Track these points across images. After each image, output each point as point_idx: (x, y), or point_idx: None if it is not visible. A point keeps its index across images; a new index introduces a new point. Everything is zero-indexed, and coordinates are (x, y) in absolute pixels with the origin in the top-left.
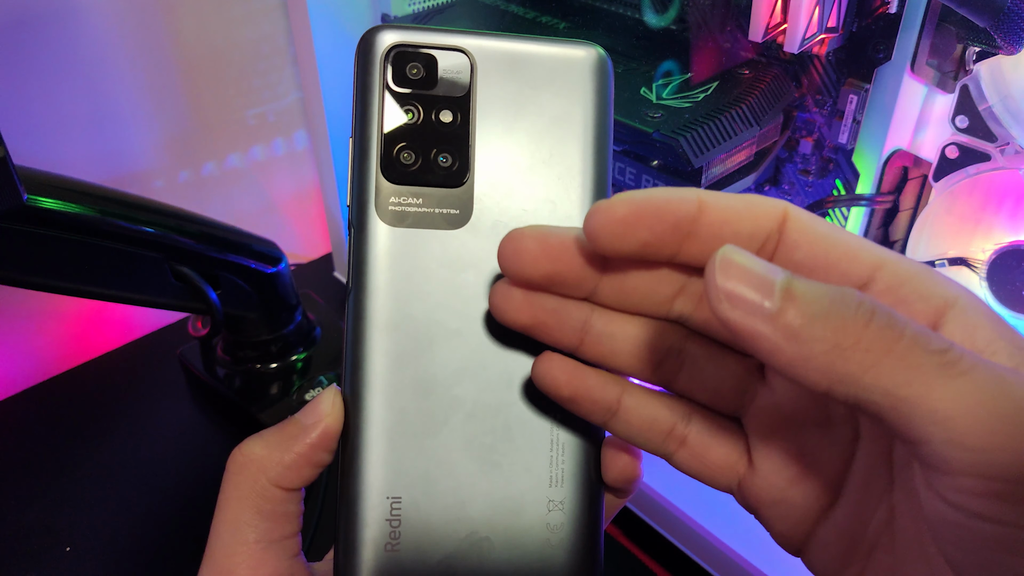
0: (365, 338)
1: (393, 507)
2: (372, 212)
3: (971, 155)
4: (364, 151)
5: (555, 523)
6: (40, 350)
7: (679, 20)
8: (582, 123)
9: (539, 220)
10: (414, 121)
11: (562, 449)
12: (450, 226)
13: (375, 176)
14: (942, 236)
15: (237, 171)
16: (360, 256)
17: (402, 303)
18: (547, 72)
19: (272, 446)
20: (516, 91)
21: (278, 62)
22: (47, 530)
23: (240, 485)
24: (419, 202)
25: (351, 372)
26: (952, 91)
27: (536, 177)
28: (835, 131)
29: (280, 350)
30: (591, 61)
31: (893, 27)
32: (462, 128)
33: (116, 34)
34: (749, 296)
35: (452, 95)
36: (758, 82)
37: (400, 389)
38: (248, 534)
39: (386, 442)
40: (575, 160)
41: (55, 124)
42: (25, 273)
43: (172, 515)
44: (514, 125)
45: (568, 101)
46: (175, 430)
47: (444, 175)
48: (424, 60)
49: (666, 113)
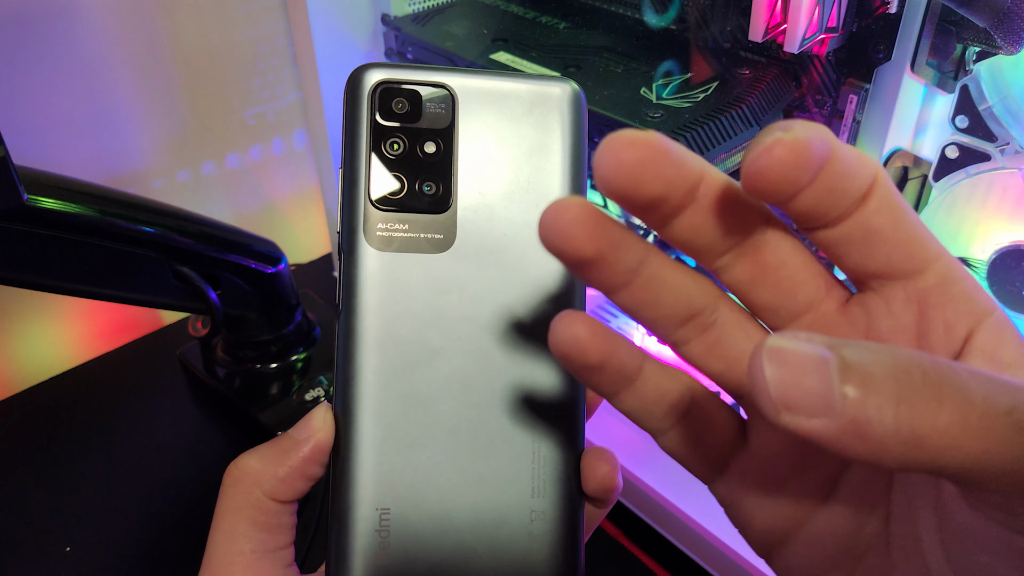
0: (355, 357)
1: (382, 518)
2: (361, 237)
3: (971, 155)
4: (353, 180)
5: (537, 532)
6: (40, 350)
7: (679, 20)
8: (559, 152)
9: (520, 244)
10: (400, 152)
11: (543, 461)
12: (435, 250)
13: (363, 203)
14: (942, 236)
15: (237, 171)
16: (350, 279)
17: (390, 323)
18: (525, 106)
19: (267, 460)
20: (496, 123)
21: (278, 62)
22: (47, 530)
23: (236, 497)
24: (405, 227)
25: (342, 389)
26: (952, 91)
27: (516, 203)
28: (835, 131)
29: (280, 350)
30: (566, 95)
31: (893, 27)
32: (445, 158)
33: (116, 34)
34: (807, 399)
35: (436, 127)
36: (758, 82)
37: (388, 405)
38: (244, 545)
39: (375, 456)
40: (553, 187)
41: (55, 124)
42: (25, 273)
43: (172, 515)
44: (495, 155)
45: (545, 132)
46: (175, 430)
47: (429, 202)
48: (409, 95)
49: (666, 113)
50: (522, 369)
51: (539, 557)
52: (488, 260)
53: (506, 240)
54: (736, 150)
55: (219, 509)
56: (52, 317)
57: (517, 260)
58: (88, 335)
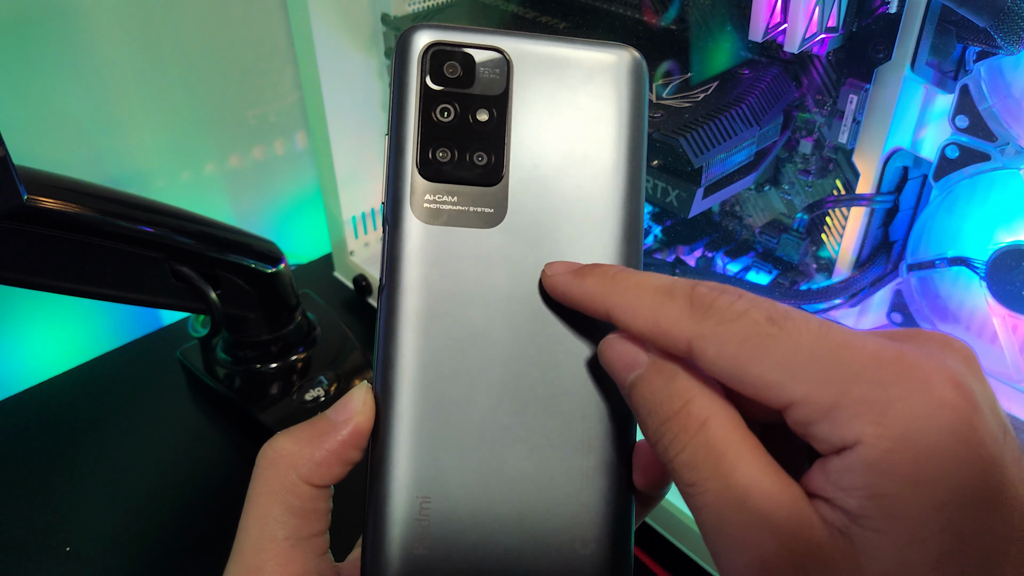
0: (397, 335)
1: (423, 507)
2: (407, 209)
3: (971, 155)
4: (400, 148)
5: (588, 536)
6: (40, 350)
7: (679, 20)
8: (617, 124)
9: (573, 220)
10: (451, 119)
11: (592, 453)
12: (485, 224)
13: (411, 173)
14: (942, 236)
15: (237, 171)
16: (394, 253)
17: (435, 301)
18: (583, 73)
19: (303, 442)
20: (552, 91)
21: (279, 62)
22: (47, 530)
23: (270, 481)
24: (454, 200)
25: (383, 369)
26: (952, 91)
27: (571, 177)
28: (835, 131)
29: (280, 350)
30: (627, 63)
31: (893, 27)
32: (498, 127)
33: (117, 34)
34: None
35: (489, 94)
36: (758, 82)
37: (432, 388)
38: (277, 531)
39: (416, 440)
40: (609, 161)
41: (55, 124)
42: (25, 273)
43: (172, 515)
44: (550, 125)
45: (603, 102)
46: (175, 430)
47: (480, 173)
48: (462, 59)
49: (666, 113)
50: (572, 354)
51: (585, 552)
52: (540, 236)
53: (559, 216)
54: (736, 150)
55: (252, 492)
56: (52, 317)
57: (570, 237)
58: (88, 335)
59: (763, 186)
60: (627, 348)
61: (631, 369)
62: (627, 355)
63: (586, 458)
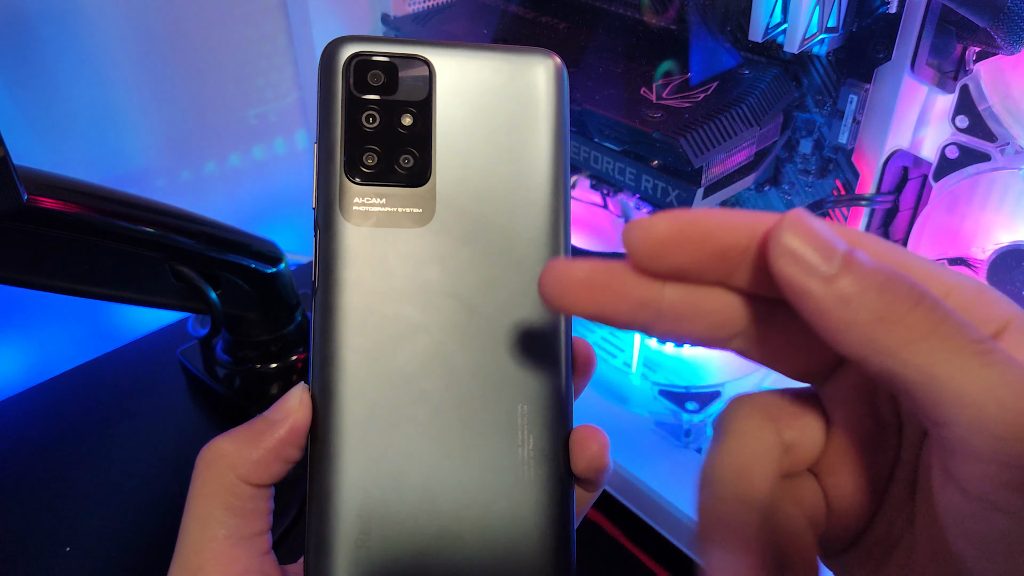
0: (332, 335)
1: (364, 502)
2: (337, 212)
3: (971, 155)
4: (329, 154)
5: (526, 516)
6: (40, 350)
7: (679, 20)
8: (538, 123)
9: (500, 216)
10: (376, 125)
11: (530, 442)
12: (414, 224)
13: (339, 178)
14: (942, 236)
15: (238, 171)
16: (326, 255)
17: (368, 300)
18: (504, 77)
19: (241, 442)
20: (475, 95)
21: (279, 62)
22: (47, 530)
23: (209, 481)
24: (383, 202)
25: (319, 369)
26: (952, 91)
27: (496, 176)
28: (835, 131)
29: (280, 350)
30: (546, 66)
31: (893, 27)
32: (423, 130)
33: (117, 34)
34: (810, 257)
35: (413, 99)
36: (758, 82)
37: (368, 385)
38: (217, 530)
39: (355, 437)
40: (533, 158)
41: (55, 124)
42: (25, 273)
43: (172, 515)
44: (474, 127)
45: (524, 104)
46: (175, 430)
47: (406, 175)
48: (384, 68)
49: (666, 113)
50: (506, 345)
51: (528, 542)
52: (468, 234)
53: (486, 213)
54: (736, 150)
55: (191, 493)
56: (52, 317)
57: (497, 233)
58: (88, 335)
59: (763, 186)
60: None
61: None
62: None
63: (525, 447)
